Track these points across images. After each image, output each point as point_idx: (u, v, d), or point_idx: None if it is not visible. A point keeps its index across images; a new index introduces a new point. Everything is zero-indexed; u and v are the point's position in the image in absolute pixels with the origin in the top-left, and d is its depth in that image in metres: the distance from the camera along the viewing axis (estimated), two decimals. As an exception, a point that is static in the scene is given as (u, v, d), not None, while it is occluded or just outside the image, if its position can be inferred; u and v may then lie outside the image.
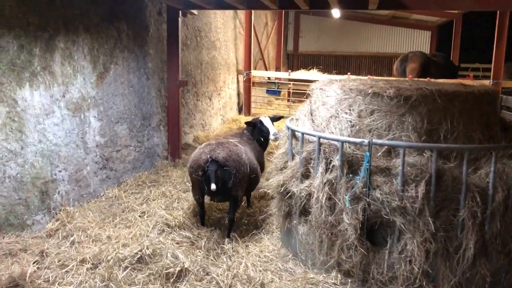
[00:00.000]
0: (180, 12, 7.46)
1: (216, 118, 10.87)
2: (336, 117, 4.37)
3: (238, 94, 12.84)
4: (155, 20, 7.42)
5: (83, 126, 5.61)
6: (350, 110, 4.27)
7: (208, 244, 4.77)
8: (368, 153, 3.85)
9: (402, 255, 3.78)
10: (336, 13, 15.98)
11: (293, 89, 12.69)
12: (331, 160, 4.15)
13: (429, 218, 3.64)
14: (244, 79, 12.40)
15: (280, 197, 4.70)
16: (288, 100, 13.00)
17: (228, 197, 4.99)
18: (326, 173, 4.13)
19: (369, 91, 4.11)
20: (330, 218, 4.05)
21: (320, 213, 4.10)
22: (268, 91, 13.36)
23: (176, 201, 5.84)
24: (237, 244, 4.86)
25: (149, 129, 7.33)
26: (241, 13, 12.70)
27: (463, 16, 16.69)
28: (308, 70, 14.11)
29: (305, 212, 4.47)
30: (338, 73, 14.11)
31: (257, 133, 5.97)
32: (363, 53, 21.59)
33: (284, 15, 17.83)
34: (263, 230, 5.26)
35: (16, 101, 4.50)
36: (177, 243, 4.72)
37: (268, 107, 13.46)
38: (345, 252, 3.99)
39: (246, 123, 6.17)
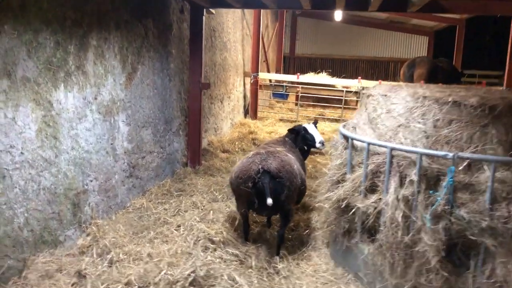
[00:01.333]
0: (204, 10, 7.06)
1: (226, 122, 10.47)
2: (406, 126, 4.04)
3: (244, 97, 12.46)
4: (177, 18, 6.99)
5: (113, 131, 5.16)
6: (423, 119, 3.94)
7: (258, 263, 4.38)
8: (453, 168, 3.52)
9: (491, 280, 3.46)
10: (338, 15, 15.80)
11: (301, 93, 12.38)
12: (406, 174, 3.82)
13: (525, 241, 3.34)
14: (252, 81, 12.03)
15: (338, 213, 4.35)
16: (296, 104, 12.69)
17: (278, 211, 4.58)
18: (400, 189, 3.80)
19: (449, 100, 3.79)
20: (406, 238, 3.71)
21: (393, 232, 3.76)
22: (274, 95, 13.03)
23: (211, 212, 5.42)
24: (287, 262, 4.49)
25: (170, 133, 6.90)
26: (248, 14, 12.35)
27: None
28: (317, 73, 13.83)
29: (369, 229, 4.13)
30: (346, 77, 13.90)
31: (300, 141, 5.60)
32: (360, 57, 21.48)
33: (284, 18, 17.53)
34: (310, 246, 4.90)
35: (51, 104, 4.04)
36: (225, 262, 4.33)
37: (275, 111, 13.12)
38: (424, 275, 3.65)
39: (289, 130, 5.78)
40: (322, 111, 13.07)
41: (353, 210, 4.12)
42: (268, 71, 15.01)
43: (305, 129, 5.60)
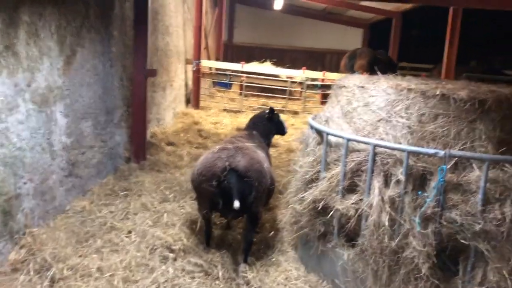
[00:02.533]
0: (151, -11, 6.39)
1: (169, 111, 9.79)
2: (388, 121, 3.74)
3: (186, 85, 11.79)
4: (119, -4, 6.25)
5: (50, 124, 4.42)
6: (407, 113, 3.66)
7: (225, 273, 3.91)
8: (444, 167, 3.26)
9: (483, 287, 3.26)
10: (278, 4, 15.48)
11: (246, 82, 11.94)
12: (391, 174, 3.53)
13: (519, 244, 3.16)
14: (194, 69, 11.40)
15: (313, 214, 3.98)
16: (241, 94, 12.23)
17: (246, 213, 4.10)
18: (386, 189, 3.50)
19: (437, 93, 3.52)
20: (393, 243, 3.42)
21: (378, 236, 3.46)
22: (218, 83, 12.48)
23: (165, 215, 4.86)
24: (256, 270, 4.06)
25: (111, 125, 6.18)
26: (189, -3, 11.66)
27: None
28: (262, 62, 13.42)
29: (347, 233, 3.81)
30: (285, 67, 13.61)
31: (272, 131, 5.17)
32: (298, 48, 21.39)
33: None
34: (277, 250, 4.51)
35: (-26, 92, 3.28)
36: (188, 274, 3.82)
37: (216, 101, 12.57)
38: (412, 283, 3.38)
39: (253, 119, 5.30)
40: (265, 101, 12.72)
41: (331, 212, 3.78)
42: (209, 59, 14.38)
43: (278, 116, 5.20)
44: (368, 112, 3.90)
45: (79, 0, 4.94)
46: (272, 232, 4.76)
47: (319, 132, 4.15)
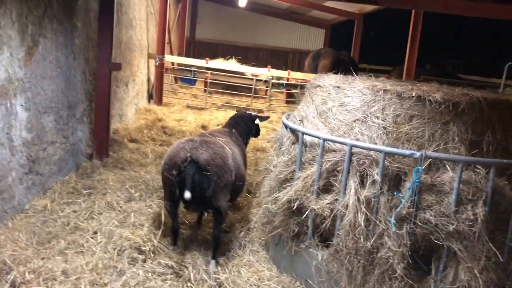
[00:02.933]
0: (117, -21, 6.15)
1: (131, 107, 9.52)
2: (363, 121, 3.75)
3: (148, 80, 11.51)
4: (83, -15, 5.99)
5: (10, 117, 4.16)
6: (383, 114, 3.68)
7: (196, 274, 3.80)
8: (420, 168, 3.30)
9: (455, 286, 3.31)
10: (242, 1, 15.41)
11: (210, 79, 11.79)
12: (367, 174, 3.53)
13: (490, 244, 3.23)
14: (157, 64, 11.13)
15: (287, 214, 3.94)
16: (205, 91, 12.07)
17: (206, 207, 4.20)
18: (362, 189, 3.50)
19: (413, 94, 3.56)
20: (368, 243, 3.42)
21: (354, 236, 3.46)
22: (182, 79, 12.26)
23: (132, 215, 4.68)
24: (228, 271, 3.98)
25: (73, 120, 5.91)
26: (153, -10, 11.38)
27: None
28: (227, 59, 13.30)
29: (321, 233, 3.79)
30: (248, 64, 13.56)
31: (251, 132, 5.18)
32: (261, 46, 21.43)
33: (187, -2, 16.66)
34: (248, 250, 4.44)
35: None
36: (159, 276, 3.69)
37: (179, 97, 12.36)
38: (386, 283, 3.40)
39: (235, 118, 5.25)
40: (229, 99, 12.63)
41: (306, 212, 3.74)
42: (172, 54, 14.11)
43: (256, 119, 5.19)
44: (344, 112, 3.90)
45: (41, -13, 4.68)
46: (243, 232, 4.69)
47: (294, 132, 4.12)
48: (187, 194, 3.66)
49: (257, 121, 5.21)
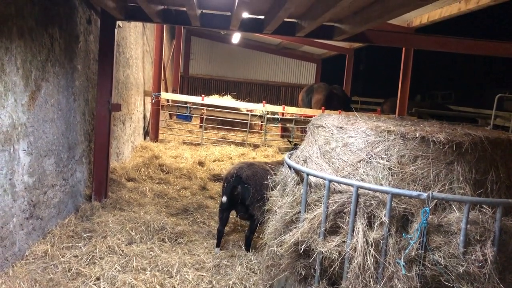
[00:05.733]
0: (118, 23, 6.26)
1: (128, 145, 9.50)
2: (368, 162, 3.77)
3: (144, 117, 11.55)
4: (84, 29, 6.07)
5: (12, 163, 4.13)
6: (387, 155, 3.71)
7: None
8: (427, 209, 3.31)
9: (467, 328, 3.28)
10: (236, 38, 15.71)
11: (206, 115, 11.86)
12: (374, 215, 3.53)
13: (501, 285, 3.22)
14: (153, 101, 11.20)
15: (293, 257, 3.90)
16: (201, 127, 12.11)
17: (245, 214, 5.06)
18: (370, 232, 3.49)
19: (417, 135, 3.60)
20: (378, 286, 3.39)
21: (363, 280, 3.42)
22: (178, 116, 12.31)
23: (134, 259, 4.61)
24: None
25: (72, 162, 5.89)
26: (148, 29, 11.56)
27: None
28: (222, 96, 13.42)
29: (328, 275, 3.75)
30: (240, 99, 13.72)
31: None
32: (253, 80, 21.70)
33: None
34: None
35: None
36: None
37: (175, 133, 12.39)
38: (398, 327, 3.35)
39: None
40: (225, 134, 12.68)
41: (314, 255, 3.71)
42: (167, 91, 14.23)
43: None
44: (348, 153, 3.92)
45: (44, 32, 4.74)
46: (246, 275, 4.62)
47: (298, 172, 4.13)
48: (224, 198, 4.95)
49: None
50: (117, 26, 6.42)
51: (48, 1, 4.80)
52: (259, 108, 11.88)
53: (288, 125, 12.53)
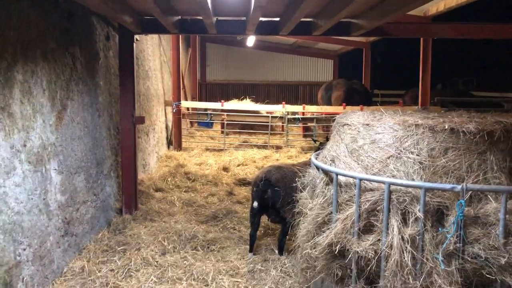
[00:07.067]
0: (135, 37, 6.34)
1: (153, 156, 9.61)
2: (398, 157, 3.72)
3: (166, 127, 11.66)
4: (103, 45, 6.17)
5: (45, 183, 4.22)
6: (417, 149, 3.66)
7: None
8: (463, 201, 3.25)
9: (513, 321, 3.20)
10: (250, 41, 15.73)
11: (227, 120, 11.91)
12: (408, 211, 3.48)
13: (546, 275, 3.13)
14: (174, 111, 11.31)
15: (329, 258, 3.88)
16: (222, 132, 12.17)
17: (277, 217, 5.11)
18: (405, 228, 3.44)
19: (446, 127, 3.54)
20: (417, 283, 3.34)
21: (402, 277, 3.38)
22: (199, 123, 12.40)
23: (169, 269, 4.65)
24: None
25: (101, 177, 5.98)
26: (164, 40, 11.68)
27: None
28: (241, 100, 13.46)
29: (365, 275, 3.71)
30: (257, 101, 13.74)
31: None
32: (271, 82, 21.70)
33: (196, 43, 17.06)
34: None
35: (-28, 159, 3.10)
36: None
37: (197, 140, 12.47)
38: (441, 323, 3.29)
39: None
40: (247, 138, 12.70)
41: (350, 255, 3.68)
42: (186, 99, 14.35)
43: None
44: (376, 150, 3.88)
45: (66, 52, 4.84)
46: (281, 279, 4.60)
47: (327, 173, 4.10)
48: (255, 203, 4.88)
49: None
50: (135, 40, 6.50)
51: (67, 22, 4.89)
52: (279, 109, 11.86)
53: (309, 124, 12.47)
